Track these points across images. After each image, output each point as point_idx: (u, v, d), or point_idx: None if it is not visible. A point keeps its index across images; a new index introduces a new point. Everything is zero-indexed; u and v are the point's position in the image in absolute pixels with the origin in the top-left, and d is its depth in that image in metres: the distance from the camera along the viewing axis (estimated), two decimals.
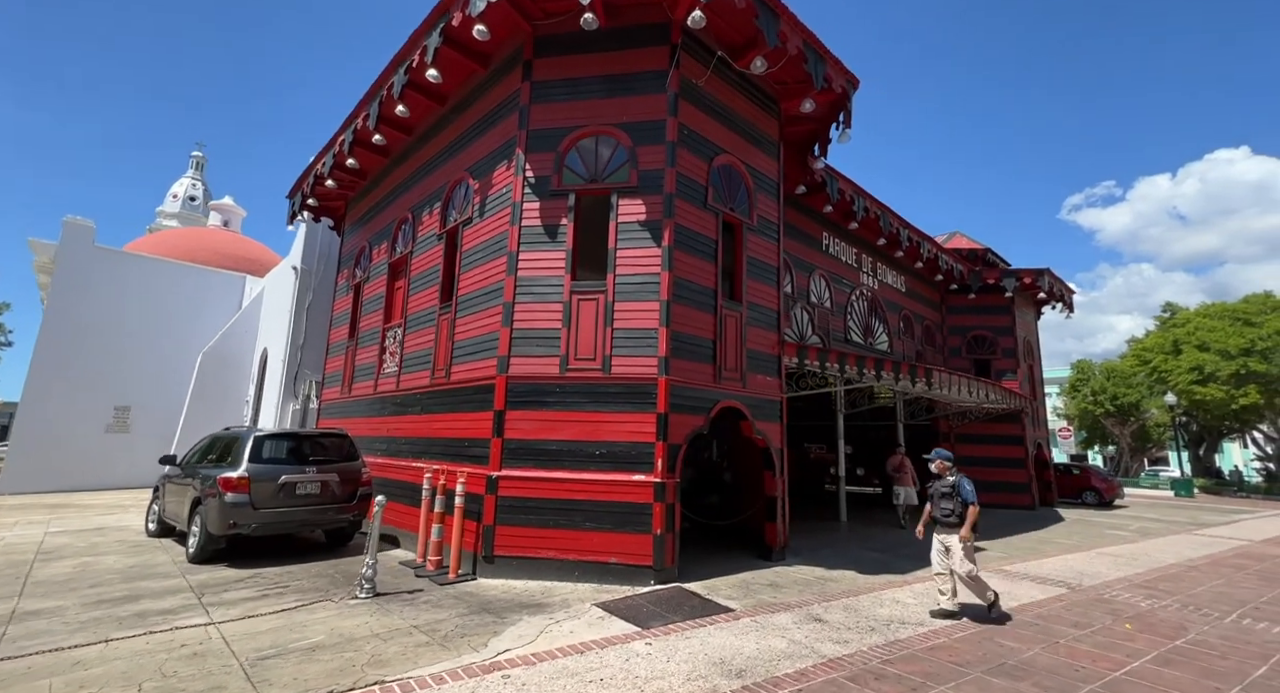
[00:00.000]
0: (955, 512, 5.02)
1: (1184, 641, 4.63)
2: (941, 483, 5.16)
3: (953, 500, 5.05)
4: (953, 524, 5.06)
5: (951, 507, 5.05)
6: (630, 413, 6.05)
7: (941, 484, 5.15)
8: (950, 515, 5.05)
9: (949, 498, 5.08)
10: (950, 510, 5.06)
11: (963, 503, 5.02)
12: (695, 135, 6.80)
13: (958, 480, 5.13)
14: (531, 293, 6.46)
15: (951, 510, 5.04)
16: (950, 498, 5.07)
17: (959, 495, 5.04)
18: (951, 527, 5.05)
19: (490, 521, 5.95)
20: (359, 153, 9.61)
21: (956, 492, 5.06)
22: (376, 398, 9.10)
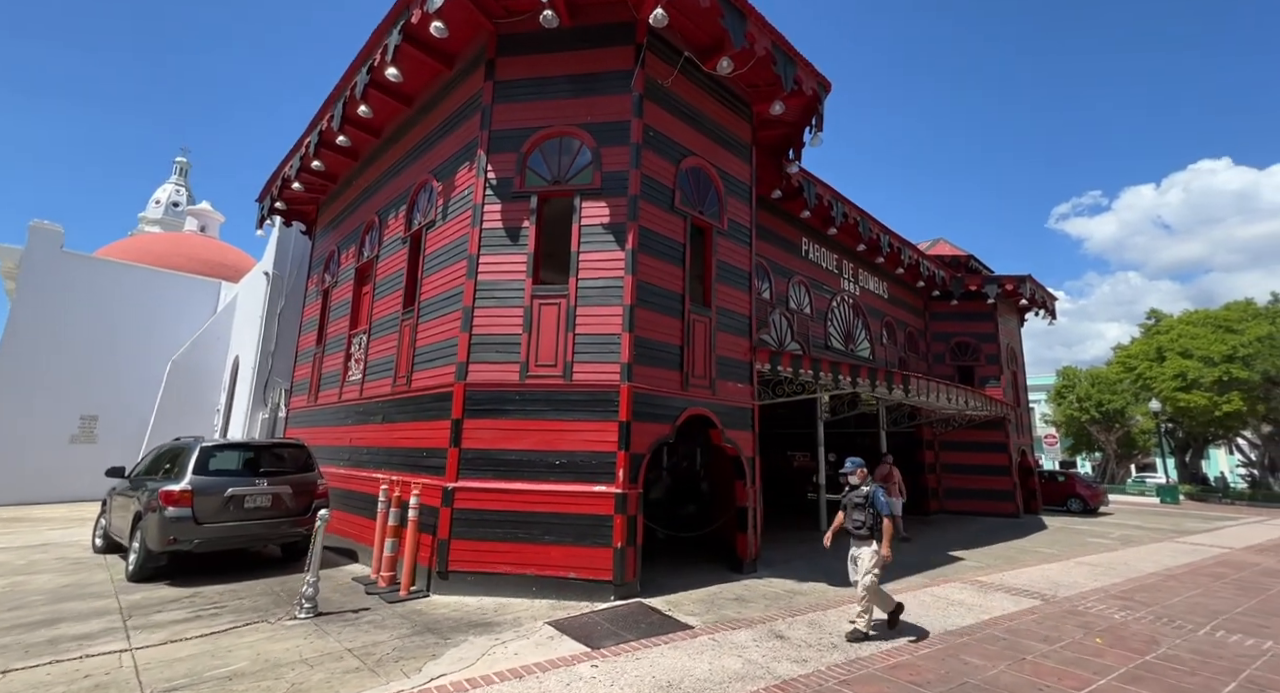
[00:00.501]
0: (867, 524, 4.74)
1: (1154, 655, 4.47)
2: (855, 493, 4.87)
3: (865, 512, 4.77)
4: (863, 537, 4.76)
5: (863, 519, 4.77)
6: (592, 421, 5.85)
7: (855, 494, 4.86)
8: (861, 528, 4.75)
9: (861, 509, 4.79)
10: (861, 523, 4.76)
11: (875, 515, 4.73)
12: (662, 137, 6.68)
13: (872, 491, 4.84)
14: (492, 297, 6.27)
15: (863, 523, 4.76)
16: (863, 509, 4.79)
17: (872, 507, 4.75)
18: (863, 539, 4.76)
19: (445, 534, 5.70)
20: (326, 155, 9.42)
21: (870, 503, 4.77)
22: (341, 406, 8.83)
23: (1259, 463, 26.78)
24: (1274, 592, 6.91)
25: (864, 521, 4.76)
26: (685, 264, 6.75)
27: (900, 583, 6.75)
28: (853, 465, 5.00)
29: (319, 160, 9.32)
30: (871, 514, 4.73)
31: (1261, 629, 5.29)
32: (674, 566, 7.20)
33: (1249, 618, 5.66)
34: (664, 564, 7.20)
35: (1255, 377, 22.75)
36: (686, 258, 6.77)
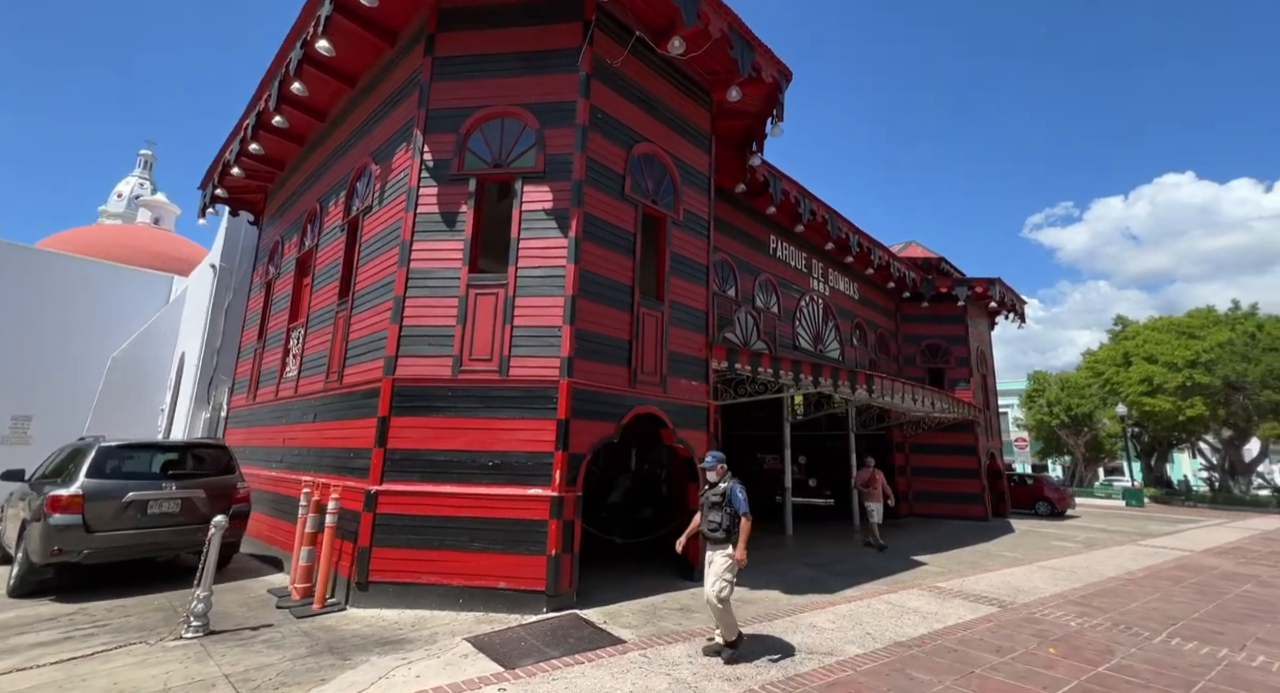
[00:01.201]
0: (723, 525, 4.22)
1: (1107, 667, 4.23)
2: (712, 491, 4.37)
3: (721, 512, 4.24)
4: (719, 540, 4.24)
5: (719, 519, 4.24)
6: (528, 419, 5.46)
7: (712, 492, 4.36)
8: (717, 530, 4.23)
9: (718, 509, 4.27)
10: (717, 524, 4.23)
11: (733, 515, 4.21)
12: (611, 120, 6.35)
13: (729, 488, 4.28)
14: (425, 287, 5.85)
15: (718, 524, 4.23)
16: (719, 509, 4.26)
17: (730, 506, 4.23)
18: (718, 542, 4.24)
19: (367, 542, 5.25)
20: (267, 139, 8.89)
21: (727, 501, 4.24)
22: (276, 405, 8.29)
23: (1220, 466, 27.44)
24: (1231, 596, 6.80)
25: (719, 522, 4.23)
26: (636, 255, 6.42)
27: (858, 590, 6.48)
28: (713, 460, 4.46)
29: (258, 143, 8.79)
30: (728, 514, 4.22)
31: (1217, 636, 5.11)
32: (624, 573, 6.83)
33: (1205, 624, 5.50)
34: (616, 571, 6.84)
35: (1216, 382, 23.29)
36: (637, 248, 6.44)
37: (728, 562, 4.16)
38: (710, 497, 4.36)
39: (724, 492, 4.29)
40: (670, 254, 6.94)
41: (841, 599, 6.03)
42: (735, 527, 4.20)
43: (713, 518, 4.29)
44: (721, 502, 4.27)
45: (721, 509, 4.26)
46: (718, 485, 4.36)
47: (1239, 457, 26.74)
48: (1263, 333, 24.29)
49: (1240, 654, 4.65)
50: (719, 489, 4.33)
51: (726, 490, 4.28)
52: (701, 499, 4.44)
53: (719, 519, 4.24)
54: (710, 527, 4.28)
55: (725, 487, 4.30)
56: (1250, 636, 5.19)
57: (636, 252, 6.43)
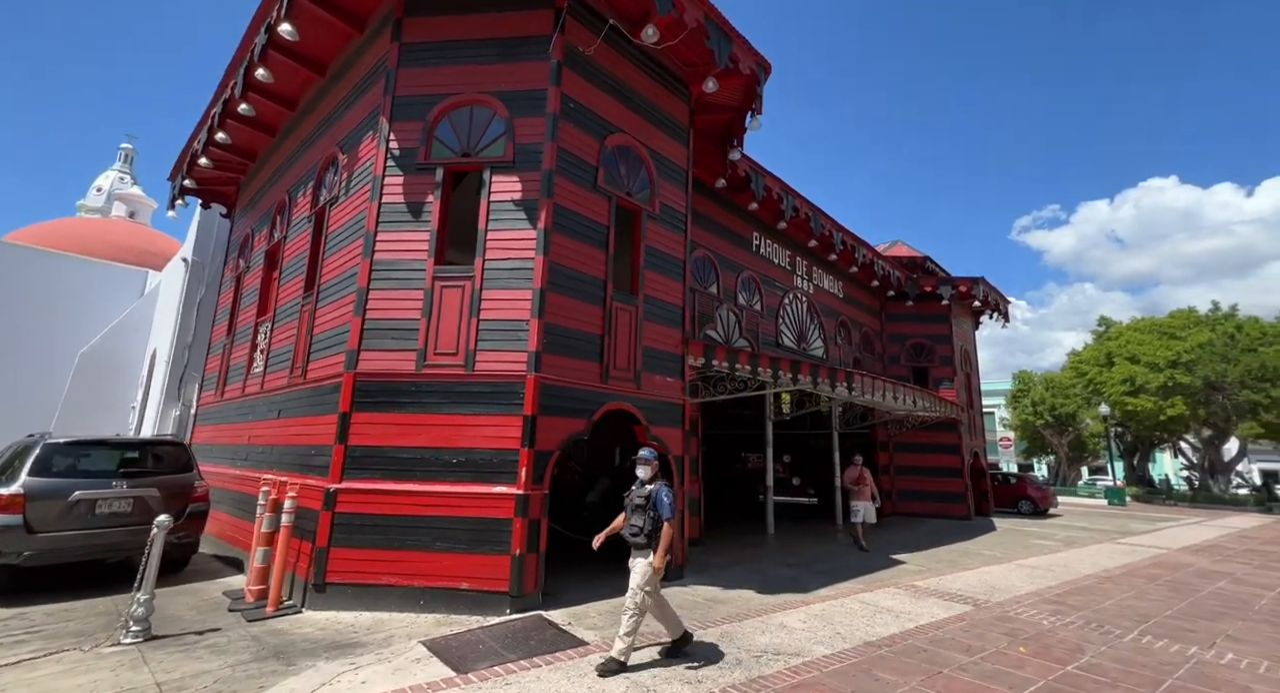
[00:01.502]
0: (644, 530, 3.90)
1: (1076, 666, 4.17)
2: (638, 492, 4.04)
3: (645, 515, 3.93)
4: (640, 545, 3.93)
5: (641, 524, 3.92)
6: (494, 415, 5.31)
7: (638, 494, 4.03)
8: (638, 534, 3.91)
9: (642, 511, 3.95)
10: (639, 529, 3.91)
11: (655, 520, 3.90)
12: (584, 110, 6.21)
13: (655, 491, 3.97)
14: (389, 278, 5.68)
15: (640, 529, 3.91)
16: (643, 512, 3.95)
17: (654, 509, 3.93)
18: (639, 548, 3.93)
19: (325, 542, 5.07)
20: (235, 128, 8.65)
21: (652, 504, 3.94)
22: (243, 401, 8.06)
23: (1199, 466, 27.83)
24: (1204, 593, 6.80)
25: (641, 526, 3.92)
26: (609, 248, 6.28)
27: (833, 589, 6.39)
28: (648, 455, 4.14)
29: (225, 133, 8.55)
30: (651, 519, 3.92)
31: (1187, 634, 5.08)
32: (596, 572, 6.69)
33: (1177, 622, 5.47)
34: (588, 571, 6.70)
35: (1197, 382, 23.60)
36: (611, 241, 6.30)
37: (647, 569, 3.87)
38: (635, 499, 4.04)
39: (650, 494, 3.98)
40: (645, 248, 6.81)
41: (816, 599, 5.94)
42: (658, 532, 3.92)
43: (635, 522, 3.98)
44: (645, 505, 3.97)
45: (645, 513, 3.95)
46: (645, 486, 4.05)
47: (1218, 456, 27.13)
48: (1241, 334, 24.67)
49: (1210, 652, 4.61)
50: (645, 491, 4.02)
51: (653, 493, 3.98)
52: (626, 500, 4.12)
53: (641, 523, 3.94)
54: (632, 531, 3.97)
55: (652, 489, 4.00)
56: (1221, 633, 5.16)
57: (610, 245, 6.29)
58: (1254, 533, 14.27)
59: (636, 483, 4.13)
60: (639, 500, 4.00)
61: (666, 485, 4.04)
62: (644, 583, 3.85)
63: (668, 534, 3.90)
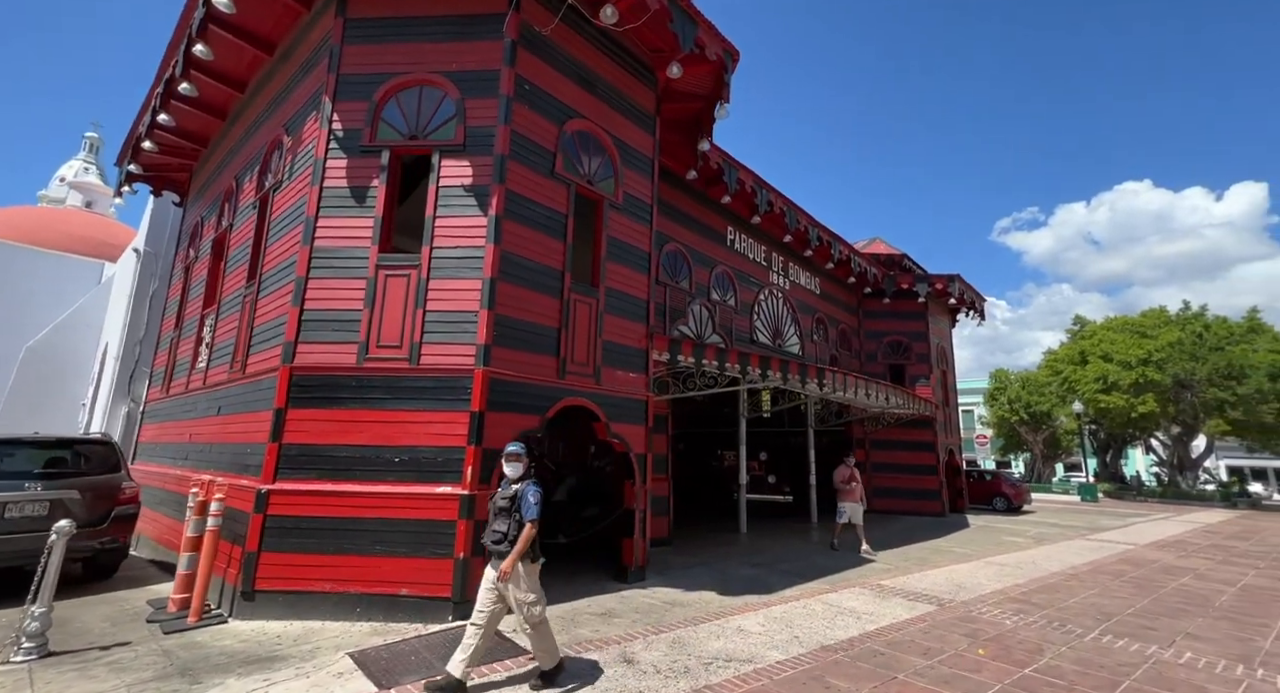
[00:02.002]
0: (508, 536, 3.44)
1: (1034, 668, 4.04)
2: (502, 494, 3.57)
3: (510, 519, 3.47)
4: (504, 553, 3.45)
5: (505, 529, 3.45)
6: (440, 411, 5.04)
7: (502, 495, 3.57)
8: (501, 542, 3.44)
9: (506, 515, 3.49)
10: (502, 534, 3.45)
11: (519, 523, 3.45)
12: (541, 93, 5.94)
13: (521, 491, 3.51)
14: (330, 267, 5.37)
15: (504, 534, 3.45)
16: (507, 515, 3.48)
17: (518, 512, 3.47)
18: (503, 556, 3.45)
19: (255, 546, 4.75)
20: (180, 110, 8.20)
21: (517, 506, 3.48)
22: (186, 397, 7.66)
23: (1169, 462, 28.46)
24: (1168, 589, 6.79)
25: (505, 532, 3.45)
26: (567, 238, 6.03)
27: (798, 590, 6.24)
28: (516, 450, 3.65)
29: (167, 114, 8.10)
30: (516, 522, 3.45)
31: (1148, 632, 5.01)
32: (557, 575, 6.45)
33: (1139, 620, 5.41)
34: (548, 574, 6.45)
35: (1167, 380, 24.08)
36: (569, 231, 6.05)
37: (529, 582, 3.47)
38: (499, 500, 3.56)
39: (515, 495, 3.50)
40: (608, 238, 6.57)
41: (779, 600, 5.77)
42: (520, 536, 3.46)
43: (498, 527, 3.48)
44: (510, 507, 3.50)
45: (510, 517, 3.48)
46: (511, 486, 3.58)
47: (1187, 453, 27.77)
48: (1209, 333, 25.24)
49: (1168, 652, 4.53)
50: (510, 491, 3.54)
51: (519, 493, 3.50)
52: (490, 503, 3.65)
53: (504, 529, 3.46)
54: (494, 538, 3.48)
55: (519, 489, 3.53)
56: (1181, 631, 5.11)
57: (568, 234, 6.04)
58: (1218, 528, 14.54)
59: (502, 483, 3.67)
60: (503, 503, 3.53)
61: (536, 485, 3.58)
62: (527, 592, 3.44)
63: (528, 534, 3.42)
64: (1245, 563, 9.04)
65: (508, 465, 3.64)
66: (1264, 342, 24.16)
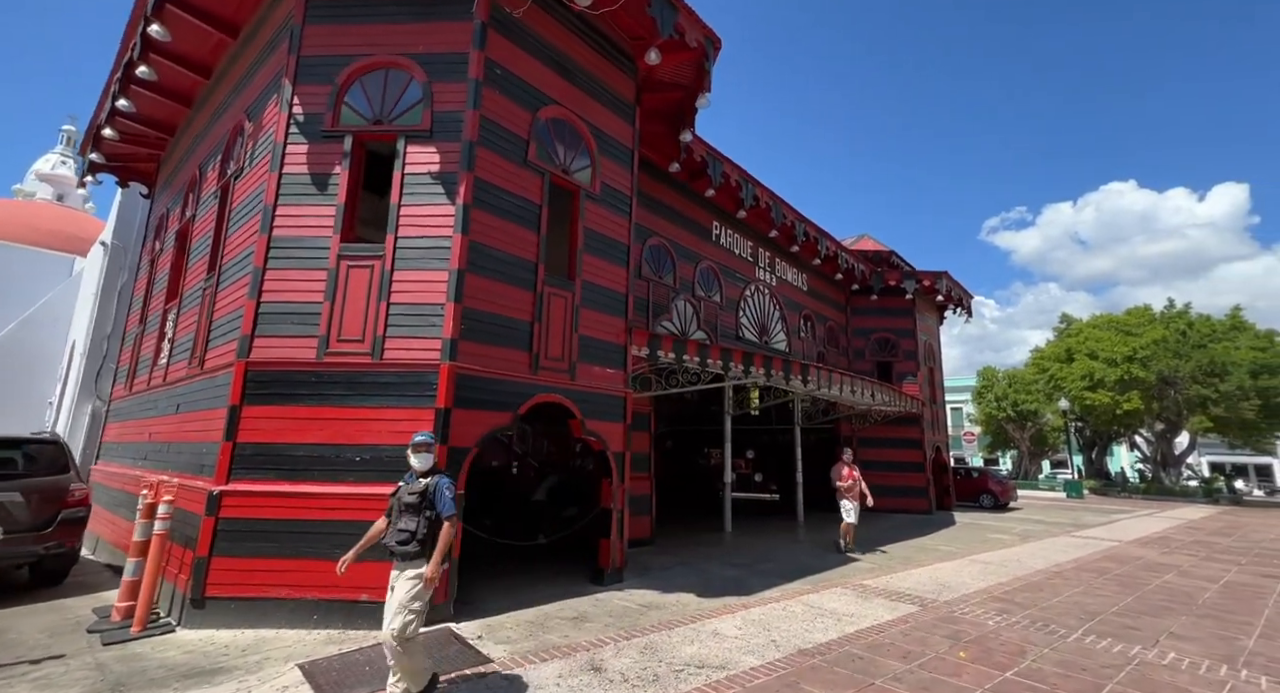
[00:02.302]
0: (417, 535, 3.07)
1: (1015, 672, 3.91)
2: (408, 488, 3.22)
3: (419, 517, 3.11)
4: (410, 555, 3.06)
5: (413, 527, 3.08)
6: (404, 408, 4.82)
7: (409, 490, 3.21)
8: (409, 542, 3.07)
9: (414, 512, 3.12)
10: (410, 534, 3.08)
11: (433, 520, 3.13)
12: (513, 78, 5.73)
13: (434, 484, 3.17)
14: (289, 257, 5.12)
15: (412, 534, 3.08)
16: (416, 513, 3.12)
17: (431, 509, 3.14)
18: (409, 558, 3.08)
19: (206, 551, 4.51)
20: (143, 96, 7.88)
21: (429, 502, 3.15)
22: (147, 395, 7.36)
23: (1153, 459, 28.77)
24: (1151, 587, 6.73)
25: (413, 530, 3.08)
26: (541, 229, 5.82)
27: (779, 591, 6.09)
28: (424, 439, 3.31)
29: (127, 99, 7.77)
30: (427, 519, 3.11)
31: (1131, 632, 4.91)
32: (532, 576, 6.28)
33: (1122, 619, 5.31)
34: (524, 575, 6.31)
35: (1151, 377, 24.30)
36: (543, 222, 5.85)
37: (414, 584, 3.05)
38: (405, 496, 3.19)
39: (426, 489, 3.17)
40: (584, 230, 6.37)
41: (758, 601, 5.62)
42: (436, 536, 3.14)
43: (405, 526, 3.10)
44: (420, 503, 3.13)
45: (419, 514, 3.11)
46: (419, 480, 3.23)
47: (1170, 449, 28.08)
48: (1193, 331, 25.51)
49: (1152, 652, 4.43)
50: (419, 486, 3.19)
51: (430, 487, 3.17)
52: (392, 500, 3.27)
53: (413, 527, 3.08)
54: (400, 538, 3.09)
55: (429, 483, 3.19)
56: (1165, 630, 5.02)
57: (542, 225, 5.83)
58: (1201, 524, 14.64)
59: (407, 476, 3.31)
60: (410, 498, 3.16)
61: (448, 477, 3.29)
62: (414, 600, 3.02)
63: (448, 534, 3.10)
64: (1227, 559, 9.04)
65: (415, 457, 3.29)
66: (1246, 339, 24.46)
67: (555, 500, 8.59)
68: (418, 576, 3.08)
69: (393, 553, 3.16)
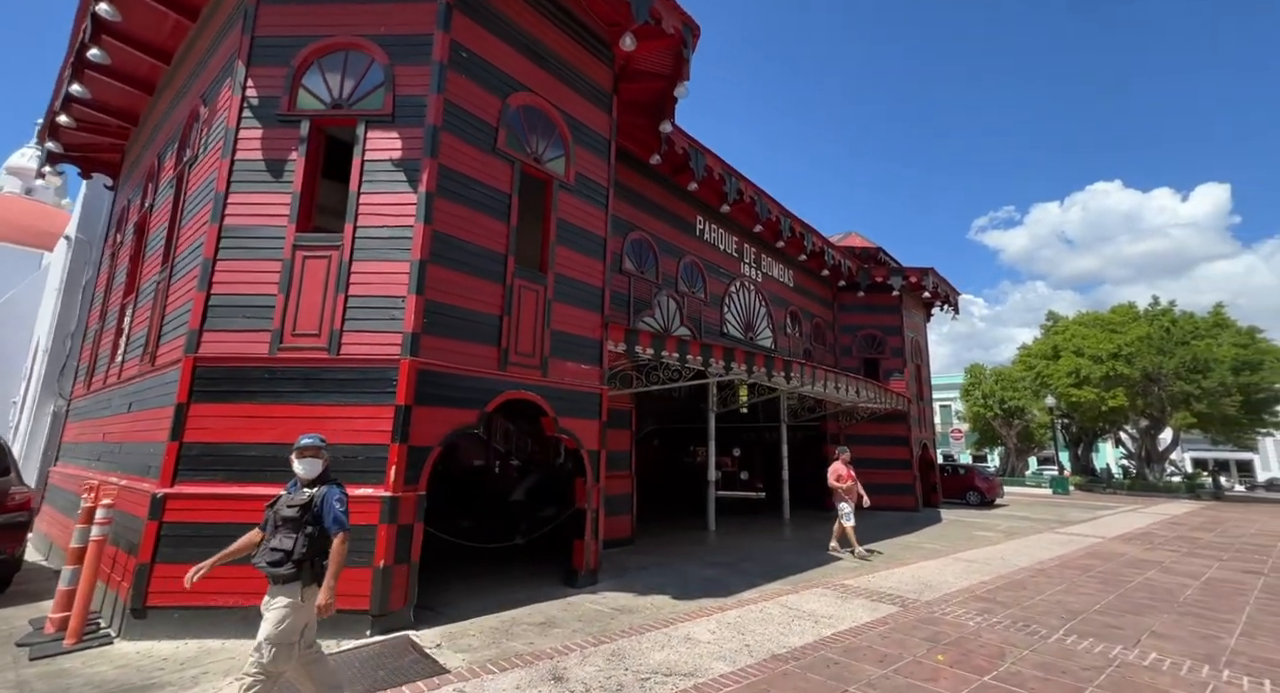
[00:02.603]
0: (293, 554, 2.59)
1: (993, 675, 3.77)
2: (288, 499, 2.75)
3: (298, 533, 2.63)
4: (285, 578, 2.57)
5: (289, 545, 2.60)
6: (362, 406, 4.59)
7: (288, 501, 2.74)
8: (283, 562, 2.58)
9: (293, 527, 2.64)
10: (285, 553, 2.59)
11: (315, 538, 2.66)
12: (481, 62, 5.50)
13: (322, 496, 2.71)
14: (241, 247, 4.87)
15: (287, 553, 2.59)
16: (295, 528, 2.64)
17: (316, 524, 2.67)
18: (285, 581, 2.59)
19: (148, 557, 4.26)
20: (98, 82, 7.54)
21: (314, 515, 2.68)
22: (103, 393, 7.06)
23: (1137, 455, 29.07)
24: (1133, 585, 6.66)
25: (289, 549, 2.59)
26: (511, 219, 5.61)
27: (758, 591, 5.94)
28: (310, 442, 2.84)
29: (82, 85, 7.42)
30: (308, 537, 2.63)
31: (1113, 632, 4.81)
32: (506, 579, 6.08)
33: (1104, 618, 5.21)
34: (496, 577, 6.12)
35: (1136, 374, 24.51)
36: (513, 212, 5.63)
37: (284, 614, 2.55)
38: (283, 509, 2.70)
39: (310, 501, 2.69)
40: (557, 221, 6.16)
41: (736, 603, 5.46)
42: (321, 556, 2.66)
43: (279, 544, 2.61)
44: (301, 517, 2.65)
45: (298, 530, 2.63)
46: (303, 490, 2.76)
47: (1154, 445, 28.39)
48: (1176, 328, 25.75)
49: (1133, 653, 4.32)
50: (301, 497, 2.72)
51: (315, 499, 2.70)
52: (268, 511, 2.77)
53: (289, 546, 2.59)
54: (273, 558, 2.59)
55: (315, 494, 2.73)
56: (1146, 629, 4.92)
57: (512, 216, 5.62)
58: (1183, 519, 14.73)
59: (289, 485, 2.85)
60: (289, 511, 2.67)
61: (340, 488, 2.83)
62: (282, 633, 2.53)
63: (339, 552, 2.64)
64: (1209, 555, 9.03)
65: (300, 463, 2.80)
66: (1227, 336, 24.74)
67: (533, 500, 8.39)
68: (289, 605, 2.57)
69: (268, 575, 2.65)
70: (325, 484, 2.82)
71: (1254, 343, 24.44)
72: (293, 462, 2.86)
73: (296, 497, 2.77)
